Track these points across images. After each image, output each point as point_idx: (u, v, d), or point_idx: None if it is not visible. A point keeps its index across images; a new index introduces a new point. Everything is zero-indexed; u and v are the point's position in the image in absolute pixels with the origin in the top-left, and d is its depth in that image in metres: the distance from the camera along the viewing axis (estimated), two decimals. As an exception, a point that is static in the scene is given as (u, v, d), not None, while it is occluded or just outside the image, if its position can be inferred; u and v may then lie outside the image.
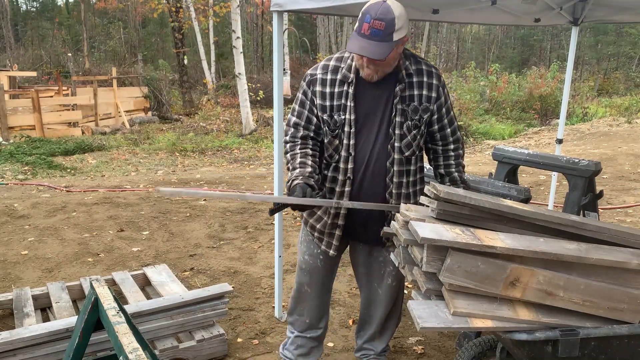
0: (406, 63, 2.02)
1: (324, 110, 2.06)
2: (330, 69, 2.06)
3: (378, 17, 1.81)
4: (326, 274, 2.34)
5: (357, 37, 1.87)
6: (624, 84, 22.56)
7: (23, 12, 37.19)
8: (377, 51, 1.83)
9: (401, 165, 2.07)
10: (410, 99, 2.02)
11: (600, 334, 1.73)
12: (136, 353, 1.50)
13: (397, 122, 2.02)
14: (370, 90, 2.03)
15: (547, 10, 3.78)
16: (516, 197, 2.44)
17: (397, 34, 1.84)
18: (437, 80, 2.06)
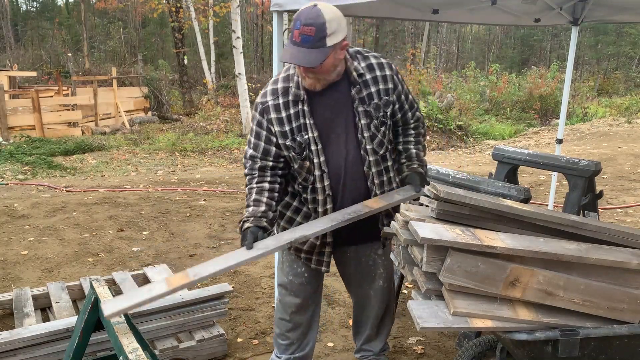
0: (354, 64, 1.96)
1: (285, 136, 1.96)
2: (280, 92, 1.96)
3: (307, 23, 1.73)
4: (314, 290, 2.26)
5: (289, 45, 1.79)
6: (624, 84, 22.55)
7: (23, 12, 37.17)
8: (308, 58, 1.75)
9: (378, 165, 2.04)
10: (369, 98, 1.97)
11: (600, 334, 1.73)
12: (136, 353, 1.50)
13: (363, 124, 1.97)
14: (327, 102, 1.96)
15: (547, 10, 3.78)
16: (516, 197, 2.44)
17: (330, 39, 1.76)
18: (390, 70, 2.01)
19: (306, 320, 2.30)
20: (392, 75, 2.01)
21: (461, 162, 8.87)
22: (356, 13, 3.38)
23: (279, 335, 2.33)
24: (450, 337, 2.91)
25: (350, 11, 3.27)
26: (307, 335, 2.33)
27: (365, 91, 1.97)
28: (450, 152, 10.65)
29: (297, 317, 2.27)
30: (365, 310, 2.37)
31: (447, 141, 11.25)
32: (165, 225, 4.96)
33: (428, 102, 11.61)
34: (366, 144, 1.98)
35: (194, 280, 1.71)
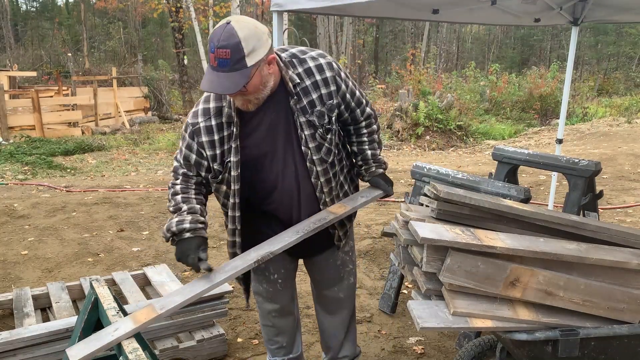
0: (289, 73, 1.79)
1: (215, 159, 1.81)
2: (213, 113, 1.79)
3: (221, 45, 1.56)
4: (289, 293, 2.23)
5: (208, 70, 1.63)
6: (624, 84, 22.54)
7: (23, 12, 37.17)
8: (228, 84, 1.60)
9: (327, 174, 1.91)
10: (311, 106, 1.81)
11: (600, 334, 1.73)
12: (136, 353, 1.50)
13: (306, 135, 1.82)
14: (264, 119, 1.81)
15: (547, 10, 3.78)
16: (516, 197, 2.44)
17: (250, 58, 1.60)
18: (330, 71, 1.83)
19: (290, 323, 2.27)
20: (333, 76, 1.84)
21: (461, 162, 8.87)
22: (356, 13, 3.38)
23: (268, 340, 2.32)
24: (450, 337, 2.91)
25: (350, 11, 3.27)
26: (294, 336, 2.31)
27: (305, 99, 1.81)
28: (450, 152, 10.65)
29: (280, 321, 2.24)
30: (337, 313, 2.29)
31: (447, 141, 11.25)
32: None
33: (428, 102, 11.61)
34: (312, 154, 1.85)
35: (161, 313, 1.66)
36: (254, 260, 1.79)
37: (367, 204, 2.08)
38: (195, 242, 1.79)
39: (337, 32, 25.37)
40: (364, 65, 26.92)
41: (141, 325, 1.63)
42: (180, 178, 1.89)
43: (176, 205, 1.84)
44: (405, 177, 6.93)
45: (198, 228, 1.80)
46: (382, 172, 2.14)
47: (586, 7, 3.96)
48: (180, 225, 1.79)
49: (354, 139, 2.08)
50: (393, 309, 3.16)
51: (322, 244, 2.06)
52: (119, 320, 1.65)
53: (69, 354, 1.55)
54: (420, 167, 2.99)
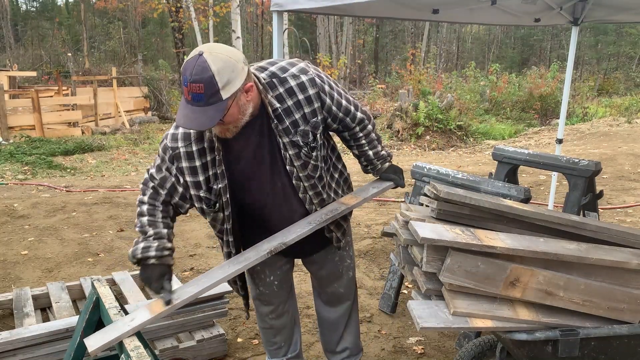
0: (269, 97, 1.73)
1: (199, 187, 1.77)
2: (194, 138, 1.73)
3: (193, 80, 1.51)
4: (285, 294, 2.23)
5: (183, 103, 1.59)
6: (624, 84, 22.55)
7: (23, 12, 37.18)
8: (203, 119, 1.54)
9: (315, 188, 1.89)
10: (294, 125, 1.76)
11: (600, 334, 1.73)
12: (137, 351, 1.50)
13: (291, 155, 1.78)
14: (246, 142, 1.77)
15: (547, 10, 3.78)
16: (516, 197, 2.44)
17: (225, 91, 1.54)
18: (313, 87, 1.77)
19: (288, 322, 2.28)
20: (316, 92, 1.78)
21: (461, 162, 8.87)
22: (356, 13, 3.39)
23: (267, 342, 2.32)
24: (450, 337, 2.91)
25: (350, 11, 3.27)
26: (292, 335, 2.32)
27: (288, 120, 1.76)
28: (450, 152, 10.65)
29: (277, 322, 2.24)
30: (337, 307, 2.29)
31: (447, 141, 11.25)
32: (165, 225, 4.96)
33: (428, 102, 11.61)
34: (298, 172, 1.82)
35: (176, 304, 1.68)
36: (267, 251, 1.81)
37: (378, 194, 2.10)
38: (159, 270, 1.77)
39: (337, 32, 25.37)
40: (364, 65, 26.93)
41: (157, 315, 1.65)
42: (149, 193, 1.84)
43: (142, 227, 1.82)
44: (406, 177, 6.92)
45: (164, 255, 1.79)
46: (389, 165, 2.15)
47: (586, 7, 3.96)
48: (145, 253, 1.77)
49: (352, 143, 2.08)
50: (393, 309, 3.16)
51: (317, 244, 2.06)
52: (134, 312, 1.67)
53: (87, 344, 1.58)
54: (420, 167, 2.99)
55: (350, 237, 2.25)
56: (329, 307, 2.31)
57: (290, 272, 2.24)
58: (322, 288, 2.28)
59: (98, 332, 1.63)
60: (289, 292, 2.26)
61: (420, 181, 2.98)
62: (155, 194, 1.84)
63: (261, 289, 2.17)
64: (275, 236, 1.88)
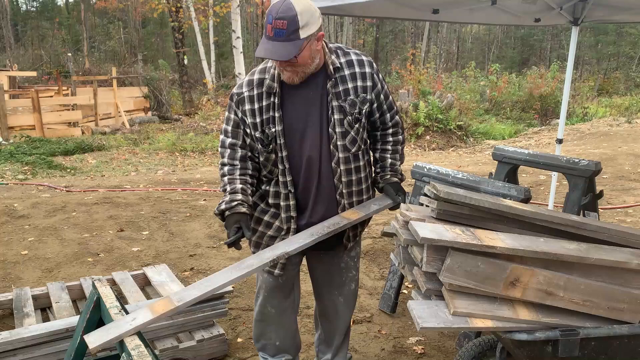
0: (332, 57, 1.92)
1: (256, 128, 1.94)
2: (256, 84, 1.94)
3: (279, 17, 1.71)
4: (287, 290, 2.23)
5: (264, 40, 1.78)
6: (624, 83, 22.55)
7: (23, 12, 37.18)
8: (282, 52, 1.74)
9: (348, 164, 1.99)
10: (345, 94, 1.93)
11: (600, 334, 1.73)
12: (138, 350, 1.50)
13: (336, 119, 1.93)
14: (301, 94, 1.93)
15: (547, 10, 3.78)
16: (516, 197, 2.44)
17: (304, 31, 1.74)
18: (370, 68, 1.97)
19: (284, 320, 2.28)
20: (372, 73, 1.97)
21: (461, 162, 8.87)
22: (356, 13, 3.38)
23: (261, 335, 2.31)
24: (450, 337, 2.91)
25: (350, 11, 3.27)
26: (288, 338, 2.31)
27: (341, 86, 1.93)
28: (450, 152, 10.66)
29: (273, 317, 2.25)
30: (336, 318, 2.30)
31: (447, 141, 11.25)
32: (165, 225, 4.96)
33: (428, 102, 11.61)
34: (337, 139, 1.95)
35: (178, 305, 1.69)
36: (270, 260, 1.85)
37: (379, 211, 2.12)
38: (233, 219, 1.90)
39: (337, 32, 25.37)
40: (364, 65, 26.87)
41: (158, 316, 1.66)
42: (227, 154, 1.99)
43: (224, 187, 1.98)
44: (406, 177, 6.92)
45: (233, 206, 1.91)
46: (396, 181, 2.16)
47: (586, 7, 3.96)
48: (219, 207, 1.93)
49: (378, 145, 2.15)
50: (393, 309, 3.16)
51: (331, 240, 2.07)
52: (136, 311, 1.67)
53: (87, 340, 1.57)
54: (420, 167, 2.99)
55: (360, 248, 2.28)
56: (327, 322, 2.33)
57: (298, 267, 2.24)
58: (322, 294, 2.29)
59: (99, 329, 1.63)
60: (292, 288, 2.26)
61: (420, 181, 2.98)
62: (233, 151, 2.00)
63: (265, 276, 2.20)
64: (278, 245, 1.94)
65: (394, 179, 2.16)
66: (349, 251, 2.19)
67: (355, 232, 2.14)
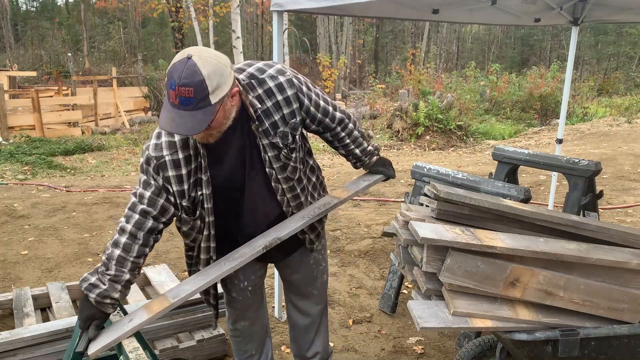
0: (250, 98, 1.70)
1: (183, 196, 1.72)
2: (180, 146, 1.68)
3: (182, 83, 1.46)
4: (258, 300, 2.19)
5: (168, 107, 1.52)
6: (624, 84, 22.55)
7: (23, 12, 37.17)
8: (191, 124, 1.50)
9: (294, 190, 1.88)
10: (274, 127, 1.74)
11: (600, 334, 1.73)
12: (136, 352, 1.50)
13: (270, 157, 1.77)
14: (231, 145, 1.74)
15: (547, 10, 3.78)
16: (516, 197, 2.44)
17: (214, 96, 1.50)
18: (291, 88, 1.76)
19: (260, 330, 2.24)
20: (295, 93, 1.77)
21: (461, 162, 8.87)
22: (356, 13, 3.38)
23: (237, 351, 2.27)
24: (450, 337, 2.91)
25: (350, 11, 3.27)
26: (264, 342, 2.29)
27: (267, 121, 1.74)
28: (450, 152, 10.65)
29: (250, 329, 2.21)
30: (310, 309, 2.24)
31: (447, 141, 11.25)
32: (165, 225, 4.96)
33: (428, 102, 11.61)
34: (277, 174, 1.81)
35: (174, 302, 1.66)
36: (262, 247, 1.79)
37: (369, 187, 2.10)
38: (92, 312, 1.69)
39: (337, 32, 25.37)
40: (364, 65, 26.92)
41: (155, 315, 1.64)
42: (134, 221, 1.72)
43: (108, 260, 1.72)
44: (405, 177, 6.93)
45: (104, 302, 1.69)
46: (377, 159, 2.14)
47: (586, 7, 3.96)
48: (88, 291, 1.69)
49: (337, 144, 2.06)
50: (393, 309, 3.16)
51: (291, 246, 2.02)
52: (132, 312, 1.66)
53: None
54: (420, 167, 2.99)
55: (325, 240, 2.22)
56: (301, 313, 2.26)
57: (263, 279, 2.20)
58: (296, 292, 2.23)
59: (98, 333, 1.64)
60: (261, 299, 2.22)
61: (420, 181, 2.98)
62: (143, 219, 1.73)
63: (234, 295, 2.11)
64: (269, 232, 1.85)
65: (373, 159, 2.12)
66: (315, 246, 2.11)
67: (316, 233, 2.06)
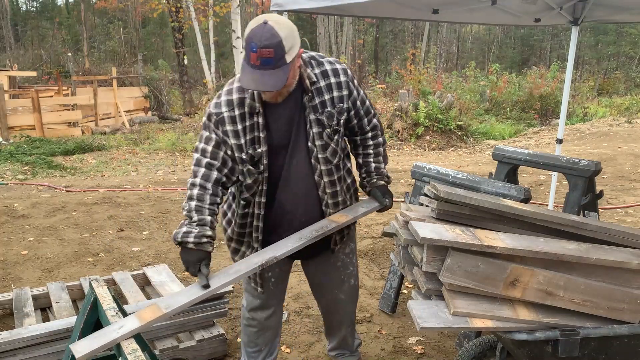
0: (307, 71, 1.88)
1: (241, 149, 1.87)
2: (236, 104, 1.85)
3: (264, 45, 1.64)
4: (277, 295, 2.25)
5: (247, 68, 1.70)
6: (624, 84, 22.54)
7: (23, 12, 37.16)
8: (272, 81, 1.69)
9: (331, 175, 1.98)
10: (322, 106, 1.90)
11: (600, 334, 1.73)
12: (135, 354, 1.49)
13: (314, 133, 1.90)
14: (281, 111, 1.89)
15: (547, 10, 3.78)
16: (516, 197, 2.44)
17: (289, 55, 1.69)
18: (345, 76, 1.93)
19: (274, 324, 2.29)
20: (347, 81, 1.94)
21: (461, 162, 8.87)
22: (356, 13, 3.38)
23: (248, 343, 2.32)
24: (450, 337, 2.91)
25: (350, 11, 3.27)
26: (274, 338, 2.33)
27: (318, 99, 1.89)
28: (450, 152, 10.65)
29: (266, 322, 2.26)
30: (338, 313, 2.34)
31: (447, 141, 11.24)
32: (165, 225, 4.96)
33: (428, 102, 11.61)
34: (317, 152, 1.93)
35: (166, 312, 1.67)
36: (258, 265, 1.83)
37: (366, 214, 2.11)
38: (196, 255, 1.82)
39: (337, 32, 25.37)
40: (364, 65, 26.90)
41: (146, 324, 1.64)
42: (201, 173, 1.87)
43: (189, 212, 1.86)
44: (405, 177, 6.93)
45: (202, 242, 1.83)
46: (383, 184, 2.16)
47: (586, 7, 3.96)
48: (185, 238, 1.82)
49: (360, 150, 2.15)
50: (393, 309, 3.16)
51: (319, 246, 2.07)
52: (124, 318, 1.65)
53: (73, 349, 1.56)
54: (420, 167, 2.99)
55: (355, 244, 2.28)
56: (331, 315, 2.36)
57: (287, 275, 2.26)
58: (323, 295, 2.30)
59: (86, 337, 1.61)
60: (281, 294, 2.27)
61: (420, 181, 2.98)
62: (208, 172, 1.88)
63: (256, 284, 2.18)
64: (266, 250, 1.91)
65: (380, 182, 2.15)
66: (342, 249, 2.20)
67: (342, 235, 2.14)
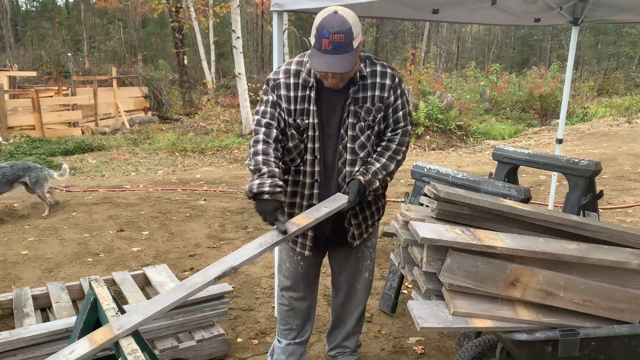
0: (360, 66, 2.03)
1: (290, 114, 2.05)
2: (292, 73, 2.06)
3: (336, 31, 1.83)
4: (308, 279, 2.35)
5: (318, 54, 1.87)
6: (624, 84, 22.54)
7: (23, 12, 37.15)
8: (342, 64, 1.86)
9: (353, 166, 2.07)
10: (363, 101, 2.04)
11: (600, 334, 1.73)
12: (135, 355, 1.49)
13: (349, 123, 2.04)
14: (329, 94, 2.05)
15: (547, 10, 3.78)
16: (516, 197, 2.44)
17: (355, 41, 1.87)
18: (391, 81, 2.05)
19: (305, 309, 2.39)
20: (391, 86, 2.05)
21: (461, 162, 8.87)
22: (356, 13, 3.38)
23: (281, 321, 2.43)
24: (450, 337, 2.91)
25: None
26: (305, 323, 2.42)
27: (362, 93, 2.03)
28: (450, 152, 10.65)
29: (295, 304, 2.37)
30: (351, 305, 2.43)
31: (447, 141, 11.25)
32: (165, 225, 4.96)
33: (428, 102, 11.61)
34: (347, 141, 2.05)
35: (118, 334, 1.61)
36: (215, 276, 1.77)
37: (331, 214, 2.00)
38: (272, 205, 1.92)
39: (337, 32, 25.32)
40: (364, 65, 26.84)
41: (98, 347, 1.59)
42: (262, 132, 2.02)
43: (257, 165, 1.96)
44: (405, 177, 6.93)
45: (276, 192, 1.92)
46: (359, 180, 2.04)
47: (586, 7, 3.96)
48: (260, 188, 1.91)
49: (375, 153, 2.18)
50: (393, 309, 3.16)
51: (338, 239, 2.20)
52: (75, 342, 1.60)
53: None
54: (420, 167, 2.99)
55: (376, 239, 2.41)
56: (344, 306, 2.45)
57: (320, 260, 2.35)
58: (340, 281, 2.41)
59: None
60: (313, 279, 2.37)
61: (420, 181, 2.98)
62: (268, 130, 2.03)
63: (287, 265, 2.32)
64: (225, 260, 1.84)
65: (359, 177, 2.04)
66: (365, 241, 2.29)
67: (360, 231, 2.21)
